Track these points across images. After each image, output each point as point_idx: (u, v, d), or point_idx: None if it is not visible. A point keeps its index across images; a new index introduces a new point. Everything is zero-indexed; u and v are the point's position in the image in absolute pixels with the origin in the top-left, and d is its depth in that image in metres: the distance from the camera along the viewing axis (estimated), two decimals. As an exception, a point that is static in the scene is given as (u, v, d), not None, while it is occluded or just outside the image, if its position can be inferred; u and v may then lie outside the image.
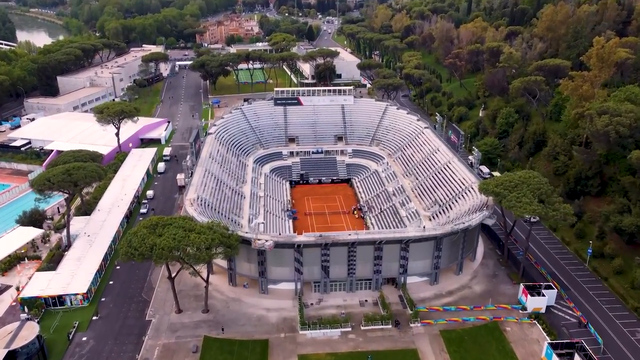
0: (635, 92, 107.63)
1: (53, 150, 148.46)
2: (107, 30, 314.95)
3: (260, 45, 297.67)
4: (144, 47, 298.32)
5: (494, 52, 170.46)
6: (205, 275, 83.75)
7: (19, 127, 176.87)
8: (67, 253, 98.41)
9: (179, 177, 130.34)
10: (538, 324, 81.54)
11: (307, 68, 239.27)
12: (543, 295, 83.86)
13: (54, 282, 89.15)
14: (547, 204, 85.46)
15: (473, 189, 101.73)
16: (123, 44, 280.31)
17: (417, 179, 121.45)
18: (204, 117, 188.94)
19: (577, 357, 70.61)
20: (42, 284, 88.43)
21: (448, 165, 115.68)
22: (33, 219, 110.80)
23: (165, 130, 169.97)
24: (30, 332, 74.83)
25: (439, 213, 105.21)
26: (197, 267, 79.15)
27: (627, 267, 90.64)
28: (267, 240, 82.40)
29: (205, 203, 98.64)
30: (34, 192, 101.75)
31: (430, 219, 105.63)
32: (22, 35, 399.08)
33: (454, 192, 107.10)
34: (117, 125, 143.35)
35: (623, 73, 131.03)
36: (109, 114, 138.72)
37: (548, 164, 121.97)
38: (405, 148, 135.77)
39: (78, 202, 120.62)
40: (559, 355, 71.21)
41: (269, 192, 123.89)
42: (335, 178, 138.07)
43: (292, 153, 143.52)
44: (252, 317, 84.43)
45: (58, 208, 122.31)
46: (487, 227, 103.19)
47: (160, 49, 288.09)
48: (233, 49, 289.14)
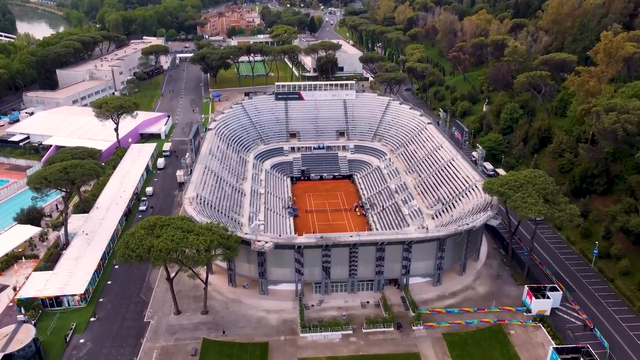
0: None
1: (52, 146, 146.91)
2: (107, 22, 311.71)
3: (262, 37, 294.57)
4: (145, 39, 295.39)
5: (499, 45, 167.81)
6: (204, 277, 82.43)
7: (18, 121, 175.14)
8: (64, 252, 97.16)
9: (179, 173, 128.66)
10: (543, 327, 79.88)
11: (308, 61, 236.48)
12: (548, 298, 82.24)
13: (51, 282, 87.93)
14: (553, 204, 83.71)
15: (477, 188, 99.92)
16: (123, 36, 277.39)
17: (420, 176, 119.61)
18: (205, 111, 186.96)
19: (583, 362, 69.20)
20: (39, 285, 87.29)
21: (451, 163, 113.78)
22: (31, 217, 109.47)
23: (165, 125, 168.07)
24: (27, 335, 73.64)
25: (442, 212, 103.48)
26: (195, 269, 77.78)
27: (633, 268, 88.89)
28: (267, 242, 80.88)
29: (205, 201, 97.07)
30: (31, 190, 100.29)
31: (433, 218, 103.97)
32: (22, 27, 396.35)
33: (458, 190, 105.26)
34: (116, 121, 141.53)
35: (630, 68, 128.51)
36: (108, 109, 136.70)
37: (553, 161, 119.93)
38: (408, 144, 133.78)
39: (76, 199, 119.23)
40: (565, 361, 69.71)
41: (270, 188, 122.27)
42: (337, 174, 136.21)
43: (293, 149, 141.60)
44: (251, 318, 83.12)
45: (56, 205, 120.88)
46: (491, 226, 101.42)
47: (161, 41, 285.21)
48: (234, 41, 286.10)
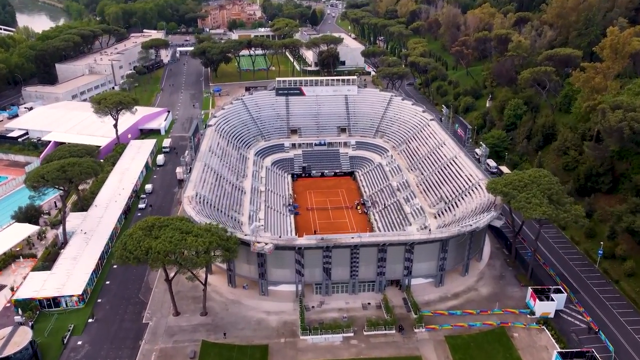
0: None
1: (51, 142, 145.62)
2: (107, 15, 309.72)
3: (263, 31, 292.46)
4: (145, 32, 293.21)
5: (502, 39, 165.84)
6: (203, 278, 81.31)
7: (17, 116, 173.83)
8: (62, 251, 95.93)
9: (179, 170, 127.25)
10: (547, 330, 78.60)
11: (310, 55, 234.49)
12: (552, 300, 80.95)
13: (49, 282, 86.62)
14: (557, 205, 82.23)
15: (480, 187, 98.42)
16: (123, 30, 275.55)
17: (422, 174, 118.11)
18: (205, 106, 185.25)
19: (587, 366, 68.13)
20: (36, 285, 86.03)
21: (454, 161, 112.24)
22: (29, 215, 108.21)
23: (165, 121, 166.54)
24: (23, 337, 72.95)
25: (445, 211, 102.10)
26: (194, 270, 76.63)
27: (639, 269, 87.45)
28: (266, 244, 79.62)
29: (204, 200, 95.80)
30: (28, 189, 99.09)
31: (436, 217, 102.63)
32: (22, 19, 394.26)
33: (461, 189, 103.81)
34: (115, 117, 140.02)
35: (636, 64, 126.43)
36: (107, 105, 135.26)
37: (557, 159, 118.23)
38: (410, 141, 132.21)
39: (75, 197, 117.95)
40: (569, 365, 68.68)
41: (271, 186, 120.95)
42: (338, 171, 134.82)
43: (294, 145, 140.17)
44: (251, 320, 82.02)
45: (55, 202, 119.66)
46: (494, 225, 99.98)
47: (161, 35, 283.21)
48: (235, 35, 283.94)
